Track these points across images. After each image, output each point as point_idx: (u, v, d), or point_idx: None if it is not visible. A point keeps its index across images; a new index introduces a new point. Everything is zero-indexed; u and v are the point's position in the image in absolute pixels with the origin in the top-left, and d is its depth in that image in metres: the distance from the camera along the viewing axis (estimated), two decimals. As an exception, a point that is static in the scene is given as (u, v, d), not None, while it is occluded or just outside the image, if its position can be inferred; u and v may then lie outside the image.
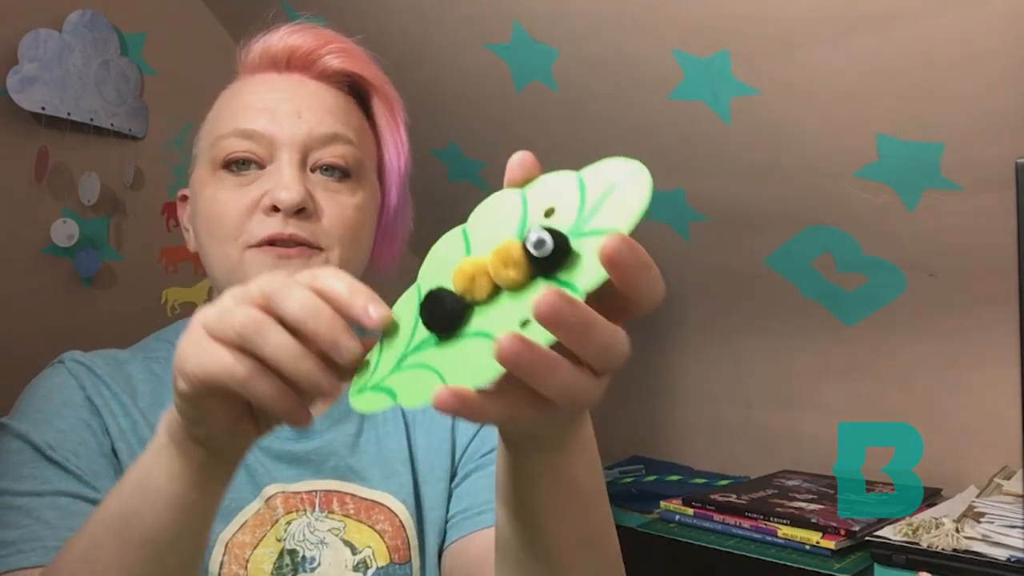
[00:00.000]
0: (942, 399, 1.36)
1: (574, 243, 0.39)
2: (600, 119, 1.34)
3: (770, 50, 1.10)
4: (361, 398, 0.44)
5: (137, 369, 0.77)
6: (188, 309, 1.54)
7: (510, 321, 0.40)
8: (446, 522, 0.80)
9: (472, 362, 0.40)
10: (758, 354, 1.58)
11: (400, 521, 0.78)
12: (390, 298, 0.46)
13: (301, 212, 0.71)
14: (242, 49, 0.79)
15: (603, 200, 0.40)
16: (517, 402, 0.41)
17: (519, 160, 0.44)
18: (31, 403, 0.73)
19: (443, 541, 0.80)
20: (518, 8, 1.25)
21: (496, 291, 0.41)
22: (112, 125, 1.43)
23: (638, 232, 0.37)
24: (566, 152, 1.42)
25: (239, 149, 0.72)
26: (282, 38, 0.76)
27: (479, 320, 0.42)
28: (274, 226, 0.70)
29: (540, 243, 0.38)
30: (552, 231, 0.39)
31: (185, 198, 0.81)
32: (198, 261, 1.78)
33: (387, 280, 0.82)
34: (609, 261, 0.37)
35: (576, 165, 0.43)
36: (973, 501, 1.14)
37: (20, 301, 1.37)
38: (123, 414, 0.73)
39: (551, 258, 0.39)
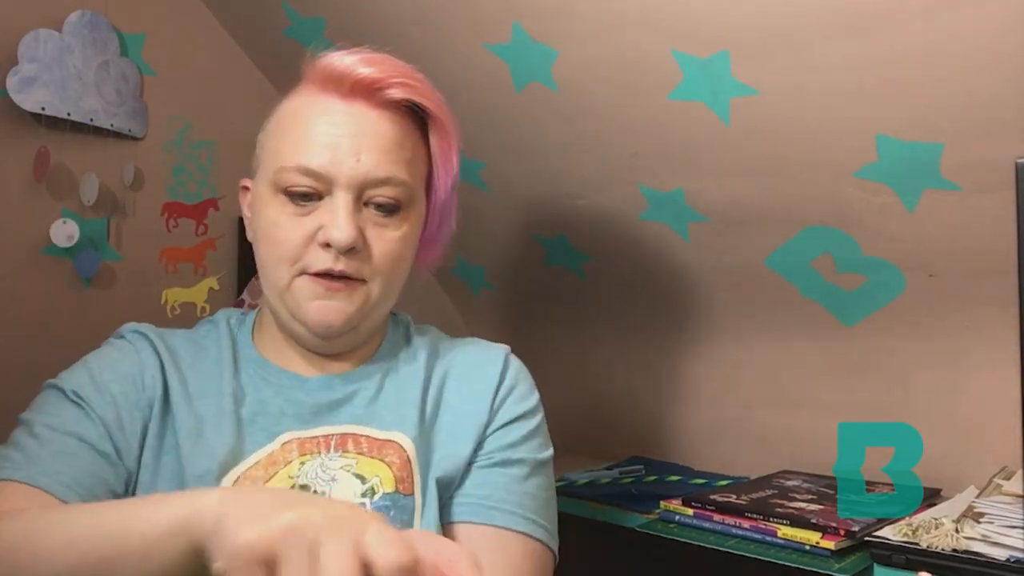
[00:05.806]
0: (942, 399, 1.36)
1: None
2: (600, 119, 1.34)
3: (770, 50, 1.10)
4: None
5: (180, 339, 0.89)
6: (188, 309, 1.54)
7: None
8: (458, 488, 0.84)
9: None
10: (758, 354, 1.58)
11: (408, 456, 0.82)
12: (416, 294, 0.46)
13: (351, 250, 0.80)
14: (309, 62, 0.85)
15: None
16: None
17: None
18: (79, 365, 0.83)
19: (450, 488, 0.84)
20: (518, 8, 1.25)
21: None
22: (112, 125, 1.43)
23: (638, 232, 0.37)
24: (566, 152, 1.42)
25: (301, 184, 0.81)
26: (349, 67, 0.82)
27: None
28: (327, 261, 0.80)
29: None
30: None
31: (247, 188, 0.91)
32: (198, 261, 1.77)
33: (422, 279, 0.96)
34: None
35: (576, 165, 0.43)
36: (973, 501, 1.14)
37: (20, 301, 1.37)
38: (169, 376, 0.83)
39: None
